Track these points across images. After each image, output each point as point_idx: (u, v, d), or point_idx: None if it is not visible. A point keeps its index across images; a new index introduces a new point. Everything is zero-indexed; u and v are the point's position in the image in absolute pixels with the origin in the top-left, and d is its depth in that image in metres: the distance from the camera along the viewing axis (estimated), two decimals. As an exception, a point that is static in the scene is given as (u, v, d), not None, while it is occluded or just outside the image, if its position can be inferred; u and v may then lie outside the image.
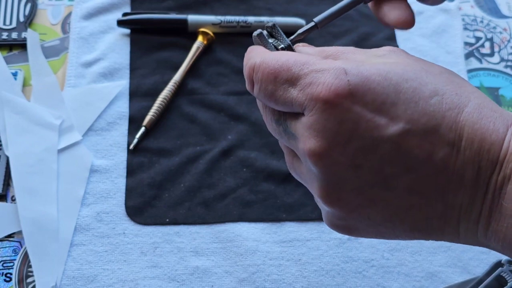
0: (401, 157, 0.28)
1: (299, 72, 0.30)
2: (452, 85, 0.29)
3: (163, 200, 0.50)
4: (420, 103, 0.28)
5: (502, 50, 0.62)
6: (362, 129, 0.28)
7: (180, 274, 0.46)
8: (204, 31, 0.58)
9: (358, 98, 0.28)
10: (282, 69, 0.30)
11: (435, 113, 0.28)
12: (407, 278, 0.47)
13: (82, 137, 0.52)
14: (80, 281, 0.45)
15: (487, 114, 0.28)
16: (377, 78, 0.28)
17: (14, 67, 0.55)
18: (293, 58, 0.30)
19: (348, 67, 0.29)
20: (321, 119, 0.28)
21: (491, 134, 0.28)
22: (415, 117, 0.28)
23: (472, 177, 0.28)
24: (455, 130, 0.28)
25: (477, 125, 0.28)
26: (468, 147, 0.28)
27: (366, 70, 0.29)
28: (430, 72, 0.30)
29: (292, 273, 0.47)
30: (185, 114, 0.54)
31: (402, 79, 0.29)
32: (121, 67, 0.56)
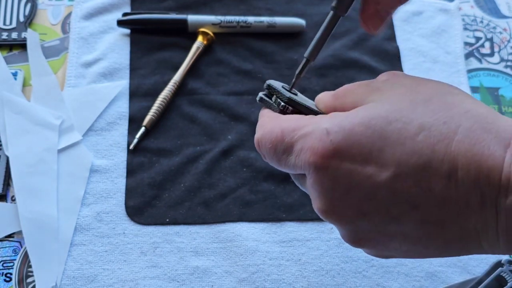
0: (402, 198, 0.29)
1: (291, 140, 0.31)
2: (441, 112, 0.29)
3: (163, 200, 0.50)
4: (407, 143, 0.28)
5: (502, 50, 0.62)
6: (357, 181, 0.29)
7: (180, 274, 0.46)
8: (204, 31, 0.58)
9: (344, 154, 0.29)
10: (277, 140, 0.32)
11: (424, 149, 0.28)
12: (407, 278, 0.47)
13: (82, 137, 0.52)
14: (80, 281, 0.45)
15: (480, 138, 0.27)
16: (360, 128, 0.29)
17: (14, 67, 0.55)
18: (286, 125, 0.32)
19: (330, 125, 0.29)
20: (318, 181, 0.30)
21: (487, 160, 0.27)
22: (403, 158, 0.28)
23: (477, 203, 0.28)
24: (448, 162, 0.27)
25: (470, 153, 0.27)
26: (465, 176, 0.27)
27: (349, 123, 0.29)
28: (418, 103, 0.29)
29: (292, 273, 0.47)
30: (185, 114, 0.54)
31: (386, 122, 0.28)
32: (121, 67, 0.56)
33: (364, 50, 0.60)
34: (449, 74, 0.59)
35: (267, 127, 0.33)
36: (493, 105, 0.58)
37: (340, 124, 0.29)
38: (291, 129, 0.31)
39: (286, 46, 0.59)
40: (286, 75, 0.57)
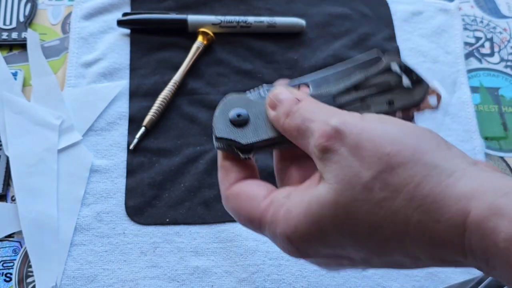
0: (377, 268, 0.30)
1: (261, 230, 0.32)
2: (387, 206, 0.27)
3: (163, 200, 0.50)
4: (363, 243, 0.28)
5: (502, 50, 0.62)
6: (331, 267, 0.32)
7: (180, 274, 0.46)
8: (204, 31, 0.58)
9: (309, 254, 0.30)
10: (246, 224, 0.32)
11: (382, 248, 0.28)
12: (407, 278, 0.47)
13: (82, 137, 0.52)
14: (80, 281, 0.45)
15: (433, 231, 0.26)
16: (316, 237, 0.28)
17: (14, 67, 0.55)
18: (249, 213, 0.32)
19: (290, 234, 0.29)
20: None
21: (447, 251, 0.26)
22: (367, 256, 0.29)
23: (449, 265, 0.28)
24: (409, 255, 0.28)
25: (428, 247, 0.26)
26: (429, 263, 0.27)
27: (305, 231, 0.29)
28: (362, 197, 0.27)
29: (292, 273, 0.47)
30: (185, 114, 0.54)
31: (336, 226, 0.28)
32: (121, 67, 0.56)
33: (364, 50, 0.60)
34: (449, 74, 0.59)
35: (232, 207, 0.32)
36: (493, 105, 0.59)
37: (297, 231, 0.29)
38: (257, 222, 0.31)
39: (286, 46, 0.59)
40: (286, 75, 0.57)
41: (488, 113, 0.58)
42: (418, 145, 0.27)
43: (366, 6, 0.63)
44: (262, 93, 0.34)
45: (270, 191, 0.32)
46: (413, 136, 0.28)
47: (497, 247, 0.24)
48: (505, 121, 0.58)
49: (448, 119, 0.57)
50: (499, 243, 0.24)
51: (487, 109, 0.58)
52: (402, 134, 0.28)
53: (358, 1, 0.64)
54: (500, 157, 0.55)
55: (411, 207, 0.26)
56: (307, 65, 0.58)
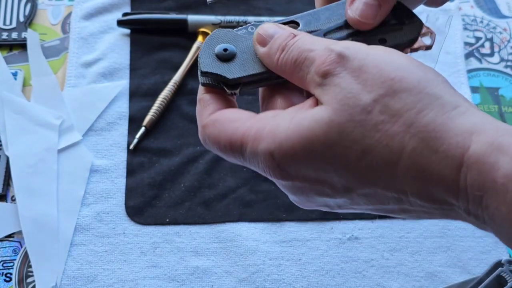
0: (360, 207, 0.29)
1: (241, 153, 0.30)
2: (383, 130, 0.26)
3: (163, 200, 0.50)
4: (351, 168, 0.26)
5: (502, 50, 0.62)
6: (311, 194, 0.29)
7: (180, 274, 0.46)
8: (204, 31, 0.58)
9: (292, 175, 0.28)
10: (226, 150, 0.30)
11: (369, 176, 0.26)
12: (407, 278, 0.47)
13: (82, 137, 0.52)
14: (80, 281, 0.45)
15: (427, 162, 0.25)
16: (302, 154, 0.27)
17: (14, 67, 0.55)
18: (230, 134, 0.30)
19: (273, 149, 0.28)
20: (276, 182, 0.31)
21: (438, 186, 0.25)
22: (351, 182, 0.27)
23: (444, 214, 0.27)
24: (396, 189, 0.26)
25: (417, 180, 0.25)
26: (418, 199, 0.26)
27: (290, 148, 0.27)
28: (359, 115, 0.26)
29: (292, 273, 0.47)
30: (185, 114, 0.54)
31: (326, 147, 0.26)
32: (121, 67, 0.56)
33: (364, 50, 0.60)
34: (449, 74, 0.59)
35: (211, 134, 0.30)
36: (493, 105, 0.59)
37: (282, 147, 0.27)
38: (239, 143, 0.29)
39: (286, 46, 0.59)
40: (286, 75, 0.57)
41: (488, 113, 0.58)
42: (424, 76, 0.27)
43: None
44: (250, 29, 0.33)
45: (254, 115, 0.30)
46: (419, 67, 0.28)
47: (495, 182, 0.24)
48: (505, 121, 0.58)
49: (448, 119, 0.57)
50: (497, 178, 0.24)
51: (487, 109, 0.58)
52: (409, 63, 0.28)
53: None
54: (500, 157, 0.55)
55: (409, 133, 0.25)
56: (307, 65, 0.58)
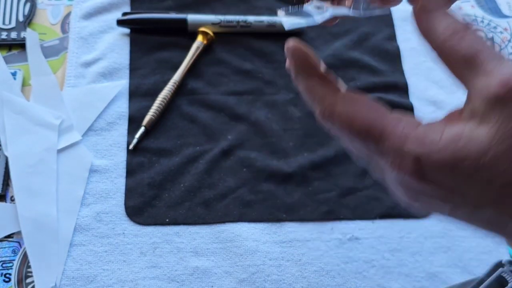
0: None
1: (377, 141, 0.29)
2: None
3: (163, 200, 0.49)
4: (493, 196, 0.27)
5: (503, 50, 0.62)
6: (446, 200, 0.29)
7: (180, 275, 0.46)
8: (204, 30, 0.58)
9: (432, 181, 0.28)
10: (359, 135, 0.30)
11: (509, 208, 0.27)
12: (408, 278, 0.47)
13: (81, 137, 0.52)
14: (79, 281, 0.45)
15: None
16: (448, 167, 0.27)
17: (14, 67, 0.55)
18: (371, 118, 0.29)
19: (421, 153, 0.28)
20: (400, 183, 0.30)
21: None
22: (485, 203, 0.28)
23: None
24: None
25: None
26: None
27: (440, 158, 0.27)
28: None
29: (292, 274, 0.47)
30: (185, 114, 0.54)
31: (475, 169, 0.27)
32: (120, 67, 0.56)
33: (365, 49, 0.60)
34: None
35: (345, 107, 0.30)
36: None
37: (430, 156, 0.27)
38: (379, 129, 0.29)
39: (286, 46, 0.59)
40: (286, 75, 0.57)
41: (488, 113, 0.58)
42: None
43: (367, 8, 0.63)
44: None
45: (389, 110, 0.30)
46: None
47: None
48: (505, 121, 0.57)
49: (448, 119, 0.56)
50: None
51: (488, 109, 0.58)
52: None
53: None
54: (500, 157, 0.55)
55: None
56: (307, 65, 0.58)
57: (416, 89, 0.58)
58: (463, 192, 0.28)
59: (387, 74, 0.58)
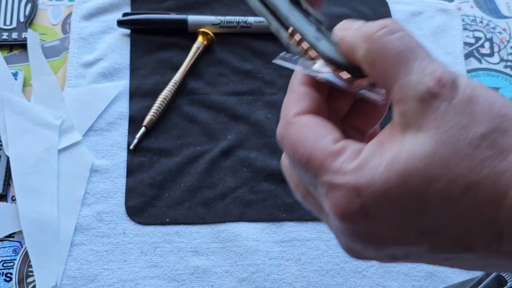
0: (438, 253, 0.27)
1: (315, 175, 0.27)
2: (490, 165, 0.24)
3: (163, 200, 0.50)
4: (450, 206, 0.25)
5: (502, 50, 0.62)
6: (389, 243, 0.27)
7: (180, 274, 0.46)
8: (204, 31, 0.58)
9: (376, 218, 0.26)
10: (300, 163, 0.28)
11: (468, 213, 0.25)
12: (407, 277, 0.47)
13: (82, 137, 0.52)
14: (80, 281, 0.45)
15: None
16: (396, 191, 0.25)
17: (15, 67, 0.55)
18: (311, 150, 0.27)
19: (362, 185, 0.25)
20: (344, 235, 0.28)
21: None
22: (444, 223, 0.25)
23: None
24: (493, 228, 0.25)
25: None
26: (510, 242, 0.25)
27: (383, 183, 0.25)
28: (465, 150, 0.25)
29: (292, 273, 0.47)
30: (185, 114, 0.54)
31: (426, 180, 0.24)
32: (121, 67, 0.56)
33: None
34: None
35: (292, 136, 0.28)
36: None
37: (373, 183, 0.25)
38: (318, 163, 0.27)
39: (286, 46, 0.59)
40: (287, 75, 0.57)
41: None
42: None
43: (366, 6, 0.63)
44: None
45: (340, 139, 0.28)
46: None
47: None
48: (505, 121, 0.57)
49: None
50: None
51: (487, 109, 0.58)
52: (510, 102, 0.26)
53: (358, 1, 0.64)
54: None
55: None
56: (307, 65, 0.58)
57: (416, 89, 0.58)
58: (417, 223, 0.25)
59: (387, 75, 0.58)
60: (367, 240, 0.27)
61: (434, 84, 0.25)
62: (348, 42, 0.28)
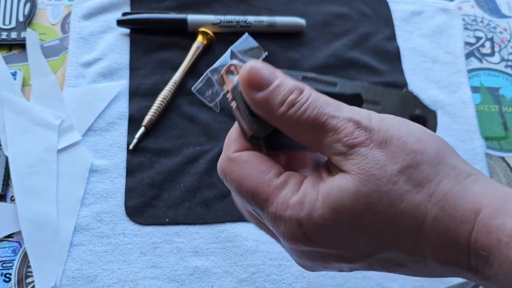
0: (378, 269, 0.30)
1: (261, 208, 0.30)
2: (408, 199, 0.28)
3: (163, 200, 0.49)
4: (376, 236, 0.28)
5: (503, 50, 0.62)
6: (332, 260, 0.30)
7: (180, 274, 0.46)
8: (203, 31, 0.58)
9: (317, 243, 0.29)
10: (246, 197, 0.30)
11: (393, 242, 0.28)
12: (407, 278, 0.47)
13: (81, 137, 0.52)
14: (79, 281, 0.45)
15: (446, 228, 0.27)
16: (330, 223, 0.28)
17: (14, 67, 0.55)
18: (256, 185, 0.30)
19: (302, 217, 0.29)
20: (293, 253, 0.31)
21: (455, 251, 0.27)
22: (374, 249, 0.29)
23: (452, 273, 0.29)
24: (417, 253, 0.28)
25: (437, 244, 0.28)
26: (435, 261, 0.28)
27: (319, 217, 0.28)
28: (385, 186, 0.28)
29: (292, 273, 0.47)
30: (185, 114, 0.54)
31: (355, 217, 0.28)
32: (121, 67, 0.56)
33: (365, 50, 0.60)
34: (449, 74, 0.59)
35: (235, 172, 0.31)
36: (493, 105, 0.58)
37: (311, 217, 0.29)
38: (263, 197, 0.30)
39: (286, 46, 0.59)
40: (286, 75, 0.57)
41: (488, 113, 0.58)
42: (440, 147, 0.29)
43: (366, 5, 0.63)
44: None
45: (281, 172, 0.31)
46: (434, 138, 0.30)
47: (500, 242, 0.26)
48: (505, 121, 0.57)
49: (448, 119, 0.57)
50: (502, 238, 0.26)
51: (488, 109, 0.58)
52: (425, 135, 0.29)
53: (358, 1, 0.64)
54: (500, 157, 0.55)
55: (430, 202, 0.28)
56: (307, 65, 0.58)
57: (416, 89, 0.58)
58: (354, 248, 0.29)
59: (387, 74, 0.58)
60: (314, 259, 0.31)
61: (349, 138, 0.29)
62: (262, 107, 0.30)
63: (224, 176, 0.31)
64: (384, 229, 0.28)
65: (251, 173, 0.30)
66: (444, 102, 0.57)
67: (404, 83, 0.58)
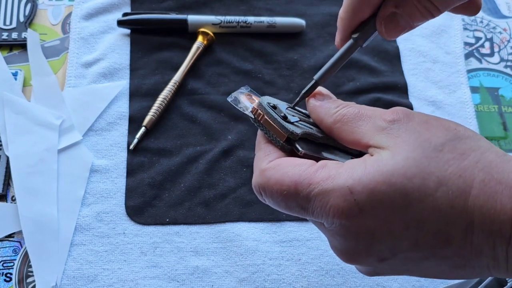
0: (422, 249, 0.30)
1: (308, 195, 0.31)
2: (455, 164, 0.30)
3: (163, 200, 0.50)
4: (427, 200, 0.29)
5: (502, 50, 0.62)
6: (380, 237, 0.30)
7: (180, 274, 0.46)
8: (204, 31, 0.58)
9: (368, 213, 0.30)
10: (290, 194, 0.31)
11: (443, 205, 0.29)
12: (407, 277, 0.47)
13: (82, 137, 0.52)
14: (80, 281, 0.45)
15: (493, 191, 0.29)
16: (382, 187, 0.29)
17: (14, 67, 0.55)
18: (297, 176, 0.31)
19: (352, 183, 0.30)
20: (341, 234, 0.31)
21: (499, 215, 0.28)
22: (425, 215, 0.29)
23: (490, 251, 0.29)
24: (466, 217, 0.29)
25: (484, 208, 0.29)
26: (480, 230, 0.29)
27: (371, 181, 0.29)
28: (431, 153, 0.30)
29: (292, 273, 0.47)
30: (185, 114, 0.54)
31: (406, 179, 0.29)
32: (121, 67, 0.56)
33: (364, 50, 0.60)
34: (449, 74, 0.59)
35: (272, 176, 0.32)
36: (493, 105, 0.59)
37: (362, 181, 0.29)
38: (306, 183, 0.31)
39: (286, 46, 0.59)
40: (286, 75, 0.57)
41: (488, 113, 0.58)
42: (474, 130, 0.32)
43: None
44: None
45: (315, 163, 0.32)
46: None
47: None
48: (505, 121, 0.58)
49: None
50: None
51: (487, 109, 0.58)
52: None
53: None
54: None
55: (477, 168, 0.29)
56: (307, 65, 0.58)
57: (416, 89, 0.58)
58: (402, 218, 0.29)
59: (387, 74, 0.58)
60: (360, 236, 0.31)
61: (392, 115, 0.32)
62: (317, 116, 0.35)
63: (262, 189, 0.32)
64: (434, 191, 0.29)
65: (288, 169, 0.32)
66: (444, 102, 0.57)
67: (404, 83, 0.58)
